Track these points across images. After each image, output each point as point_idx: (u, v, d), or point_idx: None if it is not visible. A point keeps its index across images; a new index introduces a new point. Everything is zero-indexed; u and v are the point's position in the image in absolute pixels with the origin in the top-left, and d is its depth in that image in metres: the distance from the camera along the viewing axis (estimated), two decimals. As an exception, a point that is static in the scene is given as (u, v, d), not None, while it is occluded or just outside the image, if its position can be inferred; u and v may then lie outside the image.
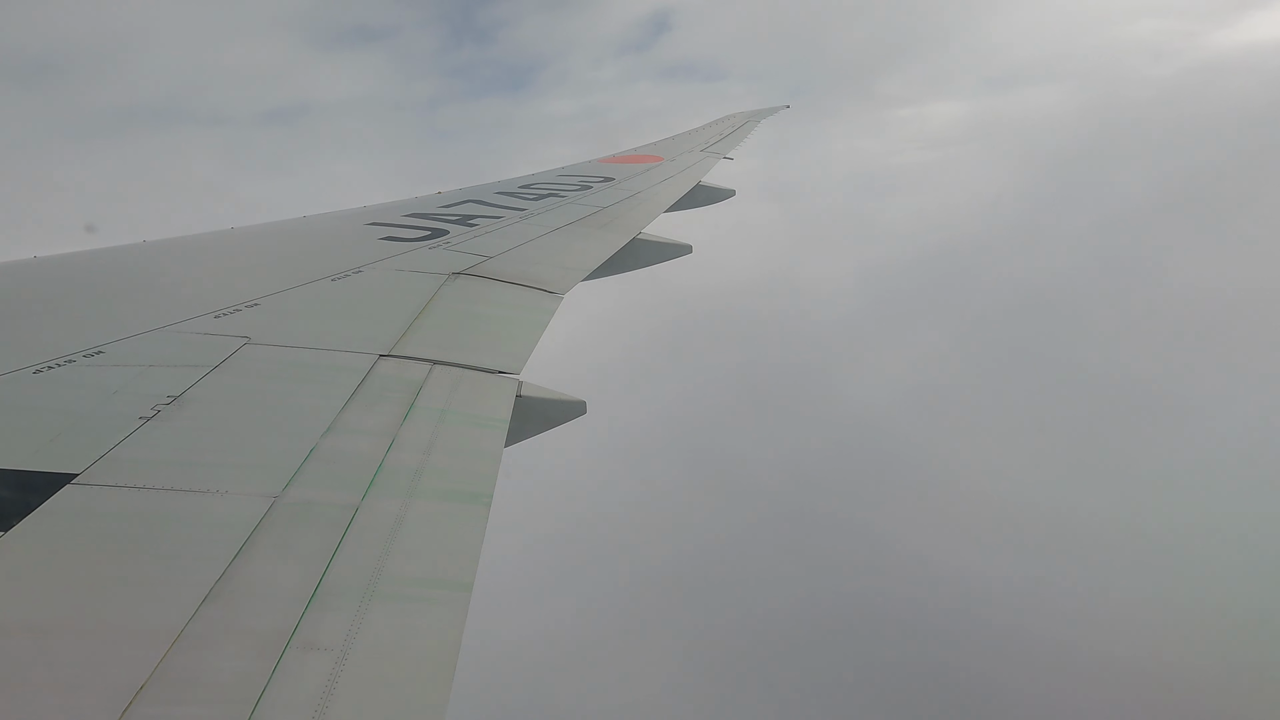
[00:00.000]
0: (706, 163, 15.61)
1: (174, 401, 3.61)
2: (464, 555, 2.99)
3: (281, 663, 2.24)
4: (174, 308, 4.86)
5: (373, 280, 6.19)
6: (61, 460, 3.01)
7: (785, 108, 24.36)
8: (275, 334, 4.67)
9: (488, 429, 4.10)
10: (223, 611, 2.39)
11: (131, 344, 4.23)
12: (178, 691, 2.07)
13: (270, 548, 2.73)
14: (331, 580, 2.64)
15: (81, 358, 3.94)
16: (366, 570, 2.74)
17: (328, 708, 2.14)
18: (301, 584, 2.59)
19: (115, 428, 3.30)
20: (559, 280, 7.00)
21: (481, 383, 4.65)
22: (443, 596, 2.76)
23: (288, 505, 2.99)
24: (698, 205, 13.37)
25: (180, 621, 2.30)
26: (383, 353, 4.66)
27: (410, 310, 5.49)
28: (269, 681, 2.16)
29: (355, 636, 2.41)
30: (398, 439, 3.70)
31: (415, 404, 4.10)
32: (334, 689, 2.20)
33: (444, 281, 6.26)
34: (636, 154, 16.44)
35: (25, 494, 2.77)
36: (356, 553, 2.81)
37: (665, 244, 9.84)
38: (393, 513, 3.12)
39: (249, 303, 5.12)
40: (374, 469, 3.39)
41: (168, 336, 4.43)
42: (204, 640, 2.26)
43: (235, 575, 2.55)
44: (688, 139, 19.12)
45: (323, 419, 3.72)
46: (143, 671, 2.09)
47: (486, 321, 5.78)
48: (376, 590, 2.65)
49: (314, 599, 2.53)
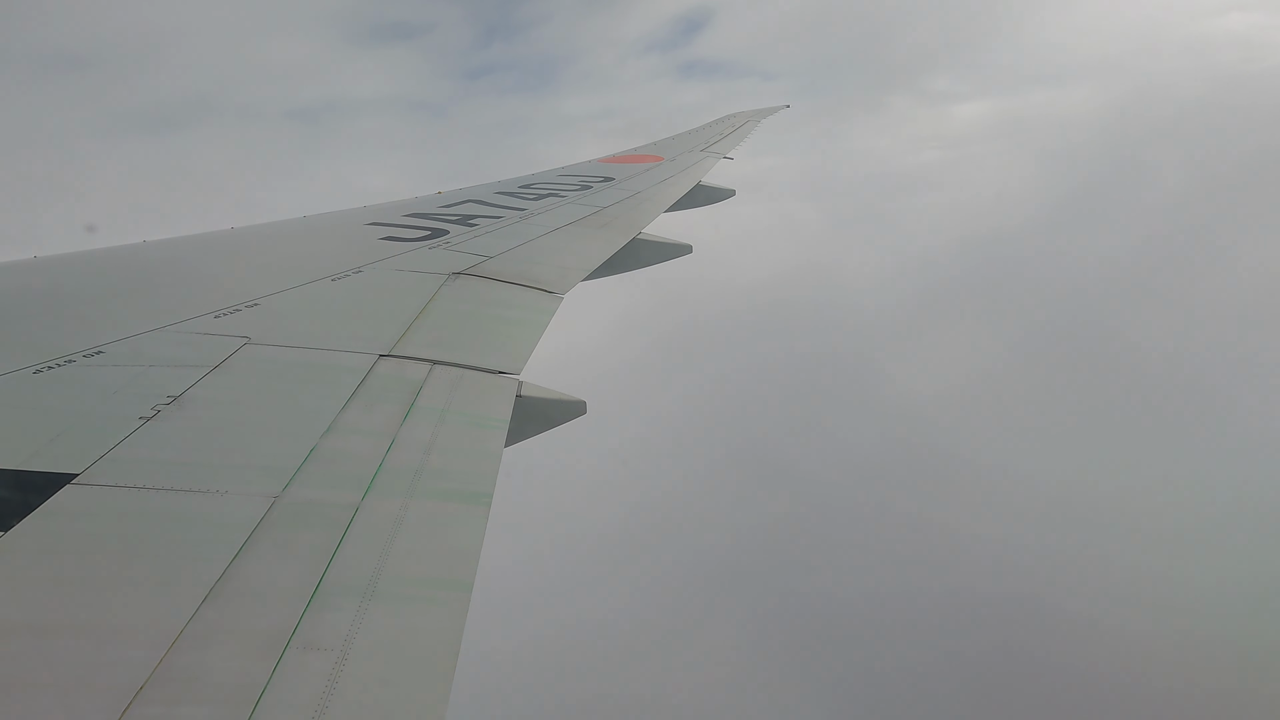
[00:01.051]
0: (706, 163, 15.61)
1: (174, 401, 3.61)
2: (464, 555, 2.99)
3: (281, 662, 2.24)
4: (174, 308, 4.86)
5: (373, 280, 6.19)
6: (61, 460, 3.01)
7: (785, 107, 24.36)
8: (275, 334, 4.67)
9: (488, 429, 4.10)
10: (223, 611, 2.39)
11: (131, 344, 4.23)
12: (178, 691, 2.07)
13: (270, 548, 2.73)
14: (331, 580, 2.64)
15: (81, 358, 3.94)
16: (366, 570, 2.74)
17: (328, 707, 2.14)
18: (301, 584, 2.59)
19: (115, 428, 3.30)
20: (559, 280, 7.00)
21: (481, 383, 4.65)
22: (443, 596, 2.76)
23: (288, 505, 2.99)
24: (698, 205, 13.37)
25: (180, 621, 2.30)
26: (383, 353, 4.66)
27: (410, 310, 5.49)
28: (269, 681, 2.17)
29: (355, 636, 2.41)
30: (398, 439, 3.70)
31: (415, 404, 4.10)
32: (334, 689, 2.20)
33: (444, 281, 6.26)
34: (636, 154, 16.43)
35: (25, 494, 2.77)
36: (356, 553, 2.81)
37: (665, 244, 9.84)
38: (393, 513, 3.12)
39: (249, 303, 5.13)
40: (374, 469, 3.39)
41: (168, 336, 4.43)
42: (204, 640, 2.26)
43: (235, 575, 2.55)
44: (688, 139, 19.11)
45: (323, 419, 3.72)
46: (143, 671, 2.09)
47: (486, 321, 5.78)
48: (376, 590, 2.65)
49: (314, 599, 2.53)
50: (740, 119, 22.04)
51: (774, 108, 23.83)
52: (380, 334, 4.96)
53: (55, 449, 3.09)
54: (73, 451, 3.08)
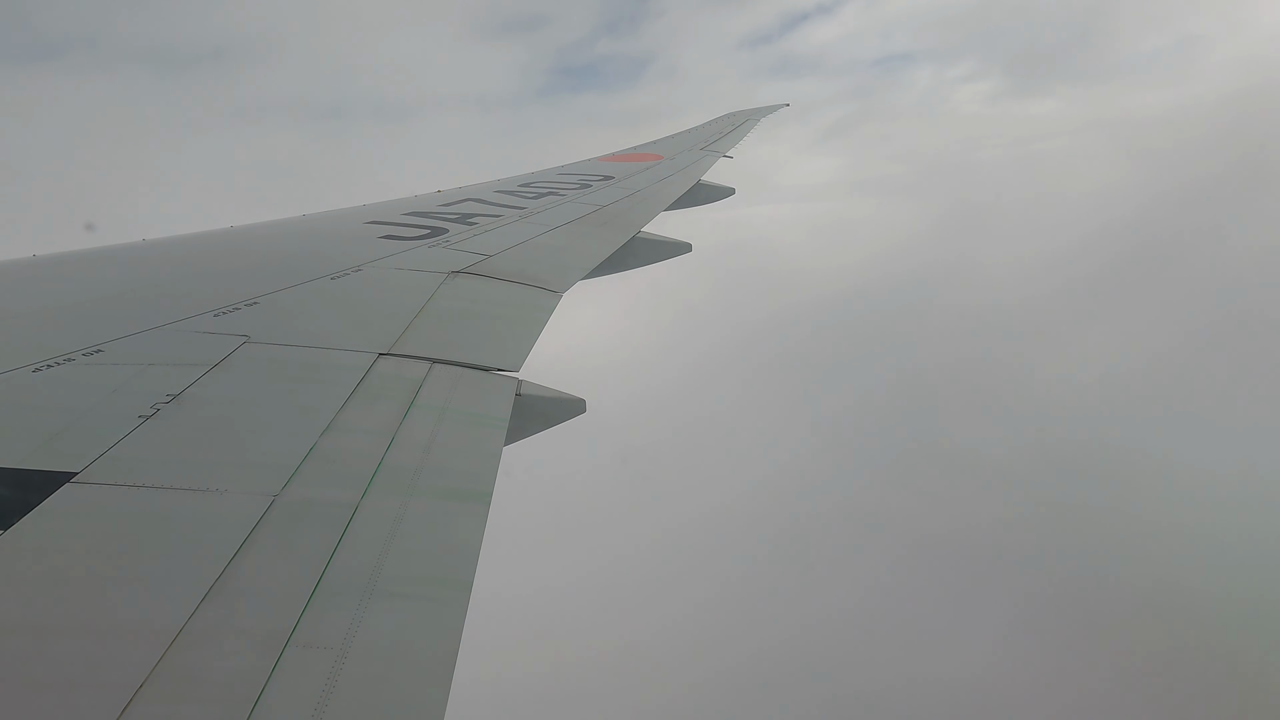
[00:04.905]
0: (706, 161, 15.63)
1: (173, 400, 3.61)
2: (463, 554, 2.99)
3: (281, 661, 2.24)
4: (174, 306, 4.86)
5: (372, 279, 6.20)
6: (61, 459, 3.01)
7: (785, 105, 24.38)
8: (275, 332, 4.67)
9: (487, 427, 4.10)
10: (222, 610, 2.39)
11: (131, 342, 4.23)
12: (177, 691, 2.07)
13: (270, 546, 2.73)
14: (331, 579, 2.64)
15: (81, 356, 3.93)
16: (366, 569, 2.74)
17: (327, 706, 2.14)
18: (301, 583, 2.59)
19: (115, 426, 3.29)
20: (558, 278, 7.00)
21: (481, 381, 4.65)
22: (442, 595, 2.76)
23: (287, 504, 2.99)
24: (698, 204, 13.38)
25: (180, 620, 2.30)
26: (382, 351, 4.66)
27: (410, 309, 5.49)
28: (268, 680, 2.16)
29: (355, 635, 2.41)
30: (397, 437, 3.70)
31: (415, 402, 4.10)
32: (333, 688, 2.20)
33: (443, 280, 6.26)
34: (636, 152, 16.44)
35: (24, 493, 2.77)
36: (356, 551, 2.81)
37: (665, 242, 9.85)
38: (392, 511, 3.12)
39: (248, 301, 5.12)
40: (373, 468, 3.39)
41: (167, 335, 4.43)
42: (204, 639, 2.26)
43: (235, 574, 2.55)
44: (687, 137, 19.14)
45: (322, 417, 3.72)
46: (142, 671, 2.09)
47: (486, 320, 5.78)
48: (376, 589, 2.65)
49: (313, 598, 2.53)
50: (740, 117, 22.07)
51: (774, 106, 23.85)
52: (380, 332, 4.96)
53: (54, 448, 3.09)
54: (72, 450, 3.08)
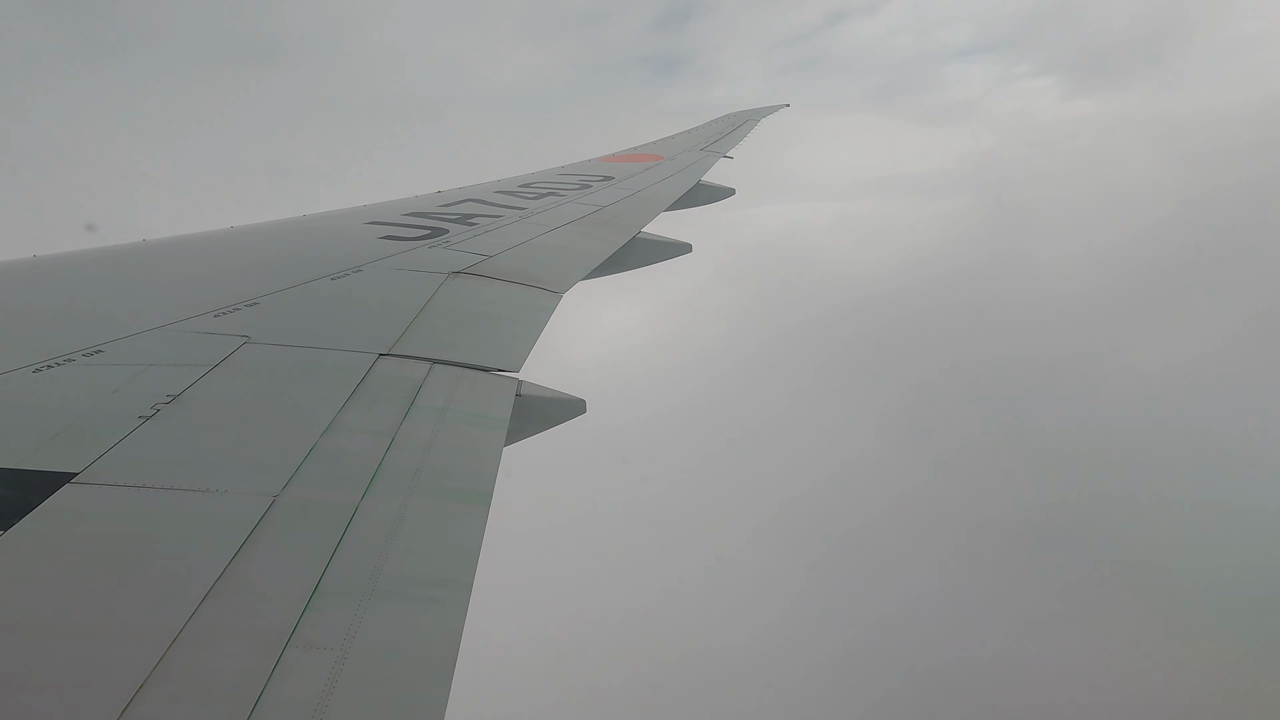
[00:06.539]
0: (706, 161, 15.63)
1: (173, 401, 3.61)
2: (463, 554, 3.00)
3: (281, 662, 2.24)
4: (173, 307, 4.86)
5: (372, 279, 6.20)
6: (61, 459, 3.01)
7: (785, 106, 24.37)
8: (275, 333, 4.67)
9: (487, 428, 4.10)
10: (222, 611, 2.39)
11: (131, 343, 4.23)
12: (177, 691, 2.07)
13: (270, 547, 2.73)
14: (331, 579, 2.64)
15: (81, 357, 3.94)
16: (366, 569, 2.74)
17: (327, 707, 2.14)
18: (301, 583, 2.59)
19: (115, 427, 3.30)
20: (558, 279, 7.01)
21: (481, 382, 4.65)
22: (442, 595, 2.77)
23: (287, 504, 2.99)
24: (698, 204, 13.39)
25: (180, 621, 2.30)
26: (382, 351, 4.66)
27: (410, 309, 5.49)
28: (268, 681, 2.17)
29: (355, 636, 2.41)
30: (397, 438, 3.70)
31: (415, 403, 4.10)
32: (333, 688, 2.20)
33: (443, 280, 6.26)
34: (636, 153, 16.44)
35: (25, 493, 2.77)
36: (356, 552, 2.81)
37: (665, 243, 9.86)
38: (392, 512, 3.12)
39: (248, 302, 5.13)
40: (373, 468, 3.39)
41: (167, 336, 4.43)
42: (204, 639, 2.26)
43: (235, 574, 2.55)
44: (687, 138, 19.14)
45: (322, 418, 3.72)
46: (143, 671, 2.09)
47: (486, 320, 5.78)
48: (376, 589, 2.65)
49: (313, 598, 2.53)
50: (740, 118, 22.07)
51: (774, 106, 23.85)
52: (380, 333, 4.96)
53: (55, 448, 3.09)
54: (72, 450, 3.08)
